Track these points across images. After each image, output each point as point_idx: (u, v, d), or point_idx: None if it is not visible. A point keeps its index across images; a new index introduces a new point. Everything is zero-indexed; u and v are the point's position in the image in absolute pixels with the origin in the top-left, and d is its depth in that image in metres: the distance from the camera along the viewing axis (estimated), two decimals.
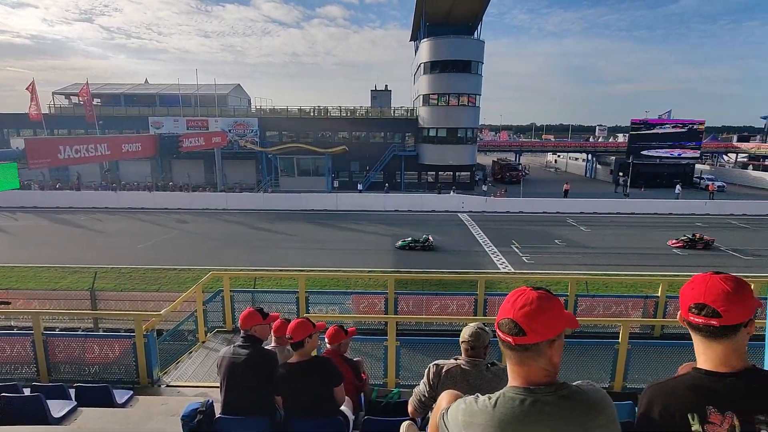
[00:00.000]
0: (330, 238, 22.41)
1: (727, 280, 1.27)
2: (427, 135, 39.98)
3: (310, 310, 8.84)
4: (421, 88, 39.91)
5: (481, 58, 38.92)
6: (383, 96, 52.71)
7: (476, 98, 39.65)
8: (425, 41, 38.60)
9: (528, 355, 1.22)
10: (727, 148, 53.24)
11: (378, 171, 40.18)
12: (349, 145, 39.31)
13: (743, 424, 1.20)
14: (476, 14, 39.03)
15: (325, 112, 42.38)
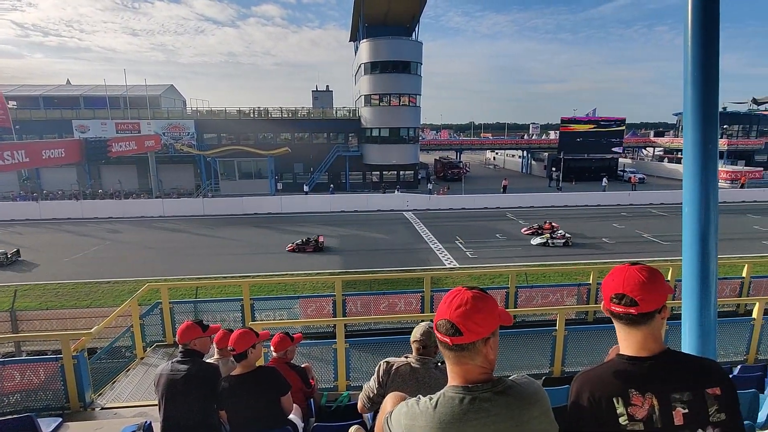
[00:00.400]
0: (275, 241, 21.93)
1: (642, 270, 1.38)
2: (370, 135, 40.17)
3: (256, 317, 8.62)
4: (363, 88, 40.03)
5: (420, 58, 39.66)
6: (325, 96, 52.31)
7: (417, 98, 40.34)
8: (364, 42, 38.74)
9: (465, 355, 1.25)
10: (645, 143, 57.74)
11: (322, 172, 39.84)
12: (291, 146, 38.64)
13: (661, 403, 1.30)
14: (413, 16, 39.70)
15: (266, 113, 41.35)
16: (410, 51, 38.95)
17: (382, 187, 37.63)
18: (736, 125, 51.24)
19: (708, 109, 2.36)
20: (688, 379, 1.32)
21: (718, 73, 2.37)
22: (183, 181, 38.66)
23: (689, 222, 2.44)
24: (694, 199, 2.41)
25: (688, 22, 2.33)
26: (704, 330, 2.45)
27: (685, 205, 2.48)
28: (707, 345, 2.45)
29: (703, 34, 2.31)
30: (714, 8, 2.30)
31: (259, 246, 21.08)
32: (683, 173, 2.51)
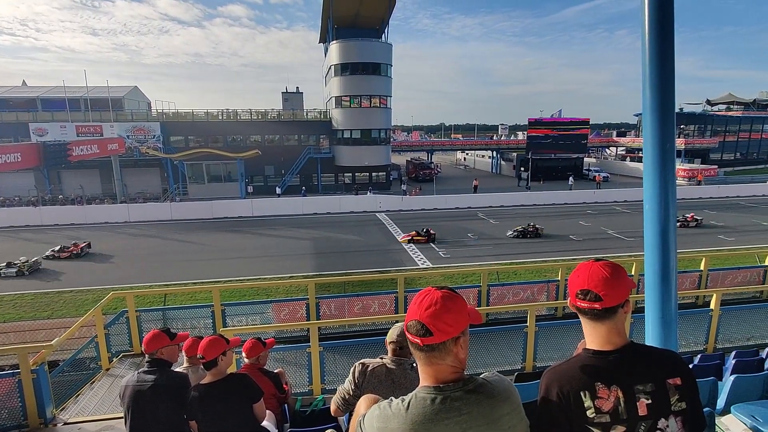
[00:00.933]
0: (246, 245, 21.56)
1: (605, 266, 1.42)
2: (342, 137, 40.07)
3: (228, 323, 8.46)
4: (333, 90, 39.89)
5: (390, 60, 39.84)
6: (295, 98, 51.81)
7: (387, 100, 40.50)
8: (334, 44, 38.63)
9: (436, 355, 1.25)
10: (608, 143, 59.73)
11: (294, 174, 39.47)
12: (262, 148, 38.12)
13: (626, 395, 1.35)
14: (383, 18, 39.85)
15: (235, 115, 40.65)
16: (380, 53, 39.08)
17: (354, 189, 37.57)
18: (692, 125, 53.69)
19: (665, 111, 2.46)
20: (651, 370, 1.37)
21: (673, 75, 2.47)
22: (149, 185, 37.54)
23: (650, 218, 2.54)
24: (654, 197, 2.50)
25: (644, 27, 2.42)
26: (666, 322, 2.54)
27: (645, 203, 2.57)
28: (669, 336, 2.55)
29: (658, 39, 2.41)
30: (668, 14, 2.40)
31: (230, 250, 20.67)
32: (643, 172, 2.60)
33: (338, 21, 39.08)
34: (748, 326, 7.33)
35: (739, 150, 55.01)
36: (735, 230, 23.17)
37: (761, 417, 2.96)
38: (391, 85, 40.62)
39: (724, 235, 22.05)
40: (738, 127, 54.56)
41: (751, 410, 3.05)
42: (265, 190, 38.30)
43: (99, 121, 35.64)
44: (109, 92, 36.96)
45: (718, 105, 59.44)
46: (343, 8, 37.71)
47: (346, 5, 37.49)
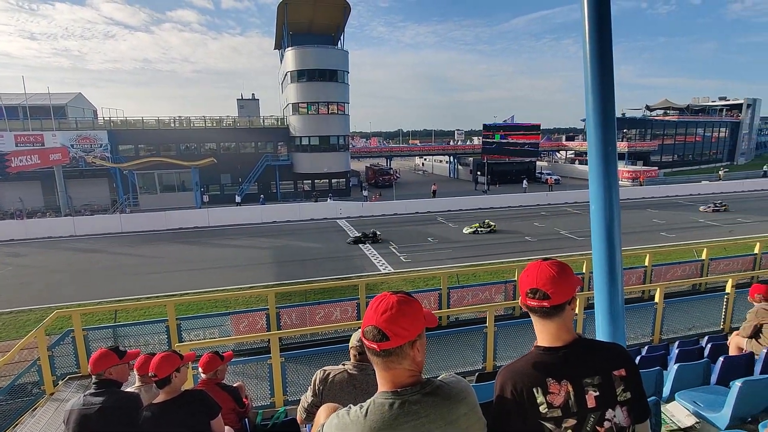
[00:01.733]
0: (203, 257, 20.86)
1: (552, 265, 1.48)
2: (300, 143, 39.70)
3: (184, 338, 8.16)
4: (290, 96, 39.50)
5: (347, 67, 39.94)
6: (251, 105, 50.88)
7: (345, 106, 40.53)
8: (290, 50, 38.31)
9: (392, 359, 1.26)
10: (558, 147, 62.30)
11: (252, 182, 38.68)
12: (217, 156, 37.14)
13: (575, 389, 1.40)
14: (338, 25, 39.93)
15: (188, 122, 39.42)
16: (336, 59, 39.10)
17: (313, 196, 37.25)
18: (633, 129, 56.83)
19: (606, 117, 2.59)
20: (597, 363, 1.43)
21: (613, 83, 2.61)
22: (97, 196, 35.68)
23: (596, 218, 2.66)
24: (599, 198, 2.63)
25: (585, 38, 2.55)
26: (614, 316, 2.66)
27: (591, 203, 2.70)
28: (617, 329, 2.66)
29: (598, 49, 2.54)
30: (606, 25, 2.53)
31: (186, 262, 19.94)
32: (588, 174, 2.73)
33: (293, 27, 38.84)
34: (689, 317, 7.81)
35: (676, 152, 58.78)
36: (674, 227, 24.68)
37: (702, 402, 3.16)
38: (349, 91, 40.72)
39: (665, 232, 23.42)
40: (674, 131, 58.30)
41: (693, 396, 3.25)
42: (222, 199, 37.30)
43: (40, 130, 33.58)
44: (50, 99, 34.89)
45: (656, 110, 63.45)
46: (297, 15, 37.54)
47: (300, 12, 37.34)
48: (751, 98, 63.91)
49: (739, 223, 25.50)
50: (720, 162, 60.92)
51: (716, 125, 62.52)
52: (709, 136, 61.86)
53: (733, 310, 7.56)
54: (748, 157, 66.01)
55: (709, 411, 3.03)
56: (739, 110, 63.91)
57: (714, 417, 2.98)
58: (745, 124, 63.62)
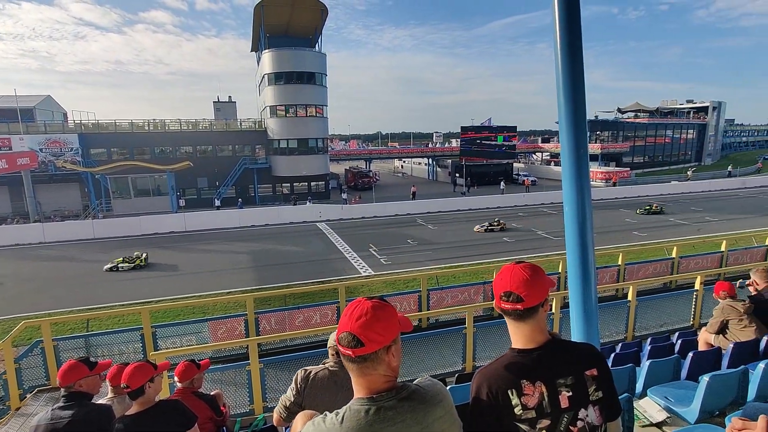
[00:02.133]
0: (179, 262, 20.44)
1: (525, 268, 1.50)
2: (278, 146, 39.38)
3: (159, 346, 7.97)
4: (267, 99, 39.15)
5: (324, 69, 39.83)
6: (228, 107, 50.26)
7: (323, 109, 40.40)
8: (267, 53, 37.99)
9: (368, 365, 1.26)
10: (534, 149, 63.41)
11: (229, 185, 38.16)
12: (193, 160, 36.47)
13: (549, 389, 1.42)
14: (315, 27, 39.79)
15: (163, 125, 38.63)
16: (314, 62, 38.96)
17: (292, 199, 36.97)
18: (606, 131, 58.27)
19: (578, 119, 2.64)
20: (570, 364, 1.46)
21: (584, 87, 2.67)
22: (68, 201, 34.56)
23: (569, 219, 2.70)
24: (572, 199, 2.68)
25: (556, 42, 2.60)
26: (587, 315, 2.71)
27: (565, 205, 2.74)
28: (591, 328, 2.71)
29: (569, 54, 2.59)
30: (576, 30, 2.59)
31: (162, 268, 19.50)
32: (562, 176, 2.78)
33: (270, 30, 38.54)
34: (660, 314, 8.03)
35: (647, 153, 60.52)
36: (646, 226, 25.38)
37: (673, 397, 3.25)
38: (327, 94, 40.60)
39: (638, 231, 24.06)
40: (645, 133, 60.04)
41: (664, 392, 3.34)
42: (199, 203, 36.67)
43: (7, 134, 32.42)
44: (17, 102, 33.75)
45: (628, 113, 65.22)
46: (274, 17, 37.27)
47: (277, 14, 37.08)
48: (716, 101, 66.37)
49: (707, 221, 26.41)
50: (688, 163, 63.00)
51: (684, 127, 64.66)
52: (678, 137, 63.94)
53: (702, 306, 7.81)
54: (714, 157, 68.43)
55: (679, 405, 3.12)
56: (705, 113, 66.23)
57: (684, 411, 3.07)
58: (711, 126, 65.97)
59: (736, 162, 60.31)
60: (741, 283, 7.71)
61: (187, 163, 34.57)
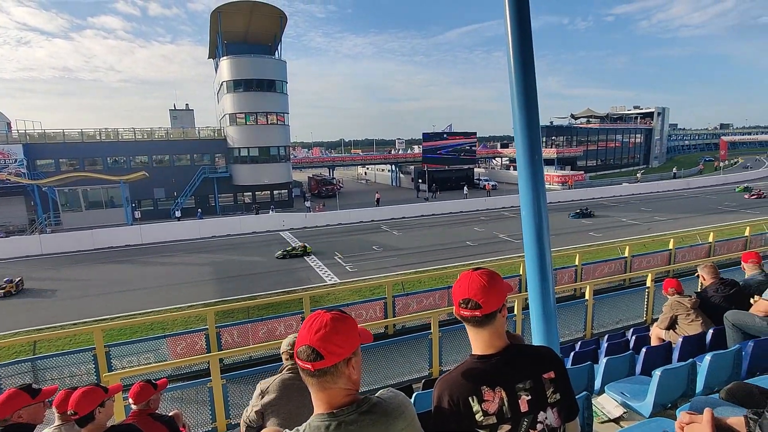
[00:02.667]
0: (135, 276, 19.59)
1: (483, 275, 1.51)
2: (239, 155, 38.59)
3: (115, 366, 7.59)
4: (227, 107, 38.36)
5: (285, 77, 39.45)
6: (185, 115, 48.92)
7: (285, 116, 39.98)
8: (225, 60, 37.28)
9: (328, 379, 1.23)
10: (494, 154, 65.05)
11: (188, 196, 37.02)
12: (149, 170, 35.15)
13: (509, 394, 1.43)
14: (275, 34, 39.41)
15: (116, 134, 37.08)
16: (274, 69, 38.54)
17: (254, 208, 36.27)
18: (561, 136, 60.58)
19: (531, 126, 2.71)
20: (528, 368, 1.48)
21: (536, 94, 2.75)
22: (12, 215, 32.48)
23: (527, 223, 2.77)
24: (528, 203, 2.74)
25: (509, 52, 2.67)
26: (547, 315, 2.77)
27: (522, 209, 2.81)
28: (550, 328, 2.78)
29: (522, 63, 2.66)
30: (528, 40, 2.67)
31: (117, 283, 18.61)
32: (518, 181, 2.85)
33: (228, 36, 37.89)
34: (616, 311, 8.36)
35: (599, 157, 63.35)
36: (601, 227, 26.48)
37: (628, 392, 3.37)
38: (288, 101, 40.22)
39: (593, 232, 25.05)
40: (597, 138, 62.90)
41: (621, 387, 3.47)
42: (156, 215, 35.37)
43: None
44: None
45: (580, 118, 68.14)
46: (232, 24, 36.69)
47: (235, 21, 36.53)
48: (660, 107, 70.41)
49: (656, 221, 27.83)
50: (637, 165, 66.37)
51: (632, 132, 68.18)
52: (627, 141, 67.33)
53: (654, 302, 8.19)
54: (660, 160, 72.41)
55: (634, 400, 3.25)
56: (651, 118, 70.12)
57: (639, 406, 3.20)
58: (656, 131, 69.86)
59: (680, 164, 64.12)
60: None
61: (142, 173, 33.27)
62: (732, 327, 4.04)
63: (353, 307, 9.37)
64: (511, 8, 2.56)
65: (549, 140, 58.34)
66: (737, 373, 3.58)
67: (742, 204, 33.40)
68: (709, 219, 27.10)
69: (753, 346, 3.59)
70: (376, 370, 6.42)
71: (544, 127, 59.90)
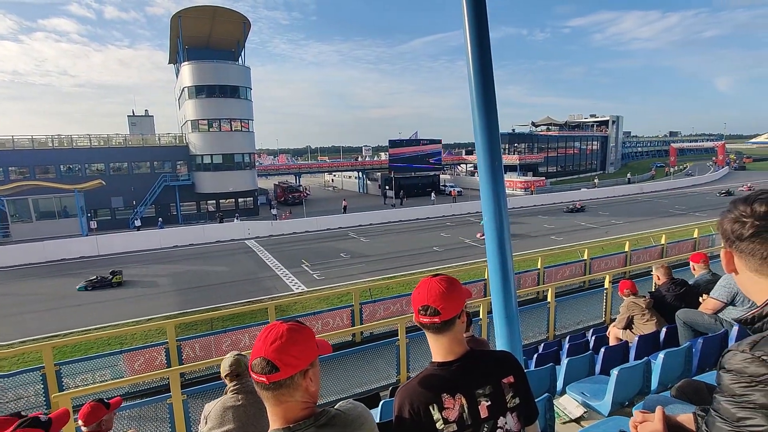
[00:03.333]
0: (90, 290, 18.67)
1: (441, 281, 1.50)
2: (202, 162, 37.65)
3: (67, 386, 7.18)
4: (189, 113, 37.39)
5: (249, 83, 38.89)
6: (144, 121, 47.38)
7: (249, 123, 39.35)
8: (186, 65, 36.41)
9: (284, 392, 1.19)
10: (459, 161, 66.19)
11: (148, 204, 35.76)
12: (106, 178, 33.76)
13: (469, 401, 1.43)
14: (238, 40, 38.85)
15: (70, 141, 35.45)
16: (237, 75, 37.94)
17: (218, 217, 35.40)
18: (522, 143, 62.35)
19: (491, 133, 2.76)
20: (488, 373, 1.48)
21: (495, 103, 2.80)
22: None
23: (489, 229, 2.81)
24: (490, 209, 2.79)
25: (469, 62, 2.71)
26: (509, 318, 2.82)
27: (484, 215, 2.86)
28: (513, 331, 2.82)
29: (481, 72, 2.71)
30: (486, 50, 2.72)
31: (70, 297, 17.69)
32: (480, 188, 2.90)
33: (189, 42, 37.04)
34: (577, 312, 8.62)
35: (559, 163, 65.55)
36: (562, 231, 27.34)
37: (589, 392, 3.47)
38: (252, 108, 39.63)
39: (555, 235, 25.83)
40: (557, 144, 65.09)
41: (581, 387, 3.56)
42: (114, 225, 33.94)
43: None
44: None
45: (541, 126, 70.40)
46: (193, 29, 35.93)
47: (196, 26, 35.81)
48: (615, 115, 73.70)
49: (613, 224, 28.98)
50: (594, 171, 69.08)
51: (590, 139, 70.96)
52: (585, 148, 69.99)
53: (612, 303, 8.50)
54: (616, 166, 75.61)
55: (594, 400, 3.34)
56: (606, 126, 73.23)
57: (598, 405, 3.29)
58: (612, 138, 73.01)
59: (634, 170, 67.20)
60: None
61: (98, 181, 31.87)
62: (683, 325, 4.23)
63: (320, 315, 9.26)
64: (469, 19, 2.62)
65: (511, 147, 59.89)
66: (689, 369, 3.74)
67: (692, 207, 35.29)
68: (661, 222, 28.48)
69: (702, 343, 3.77)
70: (343, 378, 6.35)
71: (506, 134, 61.53)
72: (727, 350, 1.03)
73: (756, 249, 1.02)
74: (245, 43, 39.27)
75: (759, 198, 1.04)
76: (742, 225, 1.03)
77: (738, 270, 1.10)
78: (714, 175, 60.43)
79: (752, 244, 1.02)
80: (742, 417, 0.95)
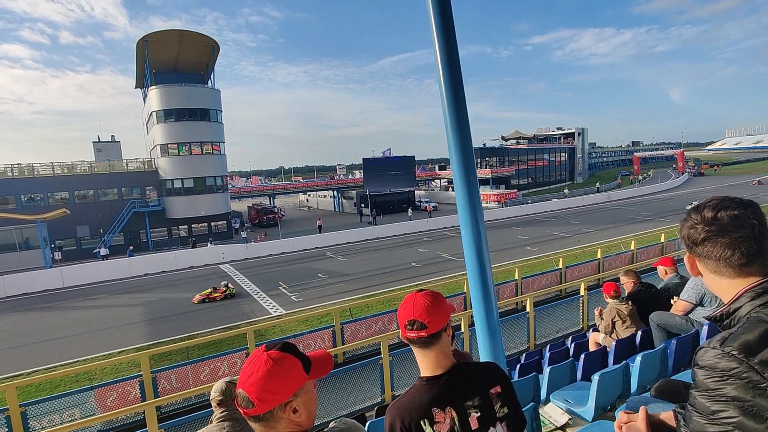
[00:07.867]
0: (57, 324, 17.83)
1: (426, 295, 1.52)
2: (172, 187, 36.93)
3: (32, 428, 6.80)
4: (157, 137, 36.78)
5: (219, 105, 38.66)
6: (111, 148, 46.33)
7: (220, 146, 38.99)
8: (154, 89, 35.95)
9: (266, 425, 1.15)
10: (433, 176, 67.04)
11: (116, 232, 34.70)
12: (71, 207, 32.68)
13: (459, 414, 1.44)
14: (206, 63, 38.71)
15: (30, 170, 34.24)
16: (207, 98, 37.69)
17: (191, 242, 34.60)
18: (494, 157, 63.74)
19: (465, 148, 2.82)
20: (476, 385, 1.50)
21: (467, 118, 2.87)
22: None
23: (466, 242, 2.85)
24: (467, 223, 2.83)
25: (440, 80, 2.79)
26: (491, 330, 2.84)
27: (461, 228, 2.90)
28: (495, 344, 2.85)
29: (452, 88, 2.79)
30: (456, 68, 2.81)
31: (33, 333, 16.83)
32: (456, 201, 2.94)
33: (157, 65, 36.68)
34: (555, 320, 8.76)
35: (530, 175, 67.25)
36: (537, 241, 27.85)
37: (572, 399, 3.51)
38: (223, 130, 39.31)
39: (529, 246, 26.28)
40: (527, 157, 66.86)
41: (564, 395, 3.60)
42: (80, 255, 32.76)
43: None
44: None
45: (510, 140, 72.26)
46: (160, 53, 35.63)
47: (164, 50, 35.53)
48: (580, 127, 76.38)
49: (584, 233, 29.73)
50: (564, 182, 71.04)
51: (557, 151, 73.20)
52: (554, 160, 72.11)
53: (588, 309, 8.67)
54: (584, 176, 78.04)
55: (577, 406, 3.38)
56: (573, 138, 75.72)
57: (582, 411, 3.33)
58: (578, 149, 75.48)
59: (601, 179, 69.40)
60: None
61: (62, 210, 30.79)
62: (657, 327, 4.36)
63: (301, 337, 9.10)
64: (439, 39, 2.70)
65: (483, 161, 61.07)
66: (665, 370, 3.84)
67: (657, 212, 36.60)
68: (630, 228, 29.38)
69: (676, 343, 3.89)
70: (327, 401, 6.24)
71: (477, 149, 62.74)
72: (700, 347, 1.09)
73: (710, 252, 1.12)
74: (214, 66, 39.16)
75: (707, 205, 1.14)
76: (696, 231, 1.13)
77: (702, 272, 1.18)
78: (676, 182, 63.01)
79: (706, 248, 1.12)
80: (716, 410, 1.01)
